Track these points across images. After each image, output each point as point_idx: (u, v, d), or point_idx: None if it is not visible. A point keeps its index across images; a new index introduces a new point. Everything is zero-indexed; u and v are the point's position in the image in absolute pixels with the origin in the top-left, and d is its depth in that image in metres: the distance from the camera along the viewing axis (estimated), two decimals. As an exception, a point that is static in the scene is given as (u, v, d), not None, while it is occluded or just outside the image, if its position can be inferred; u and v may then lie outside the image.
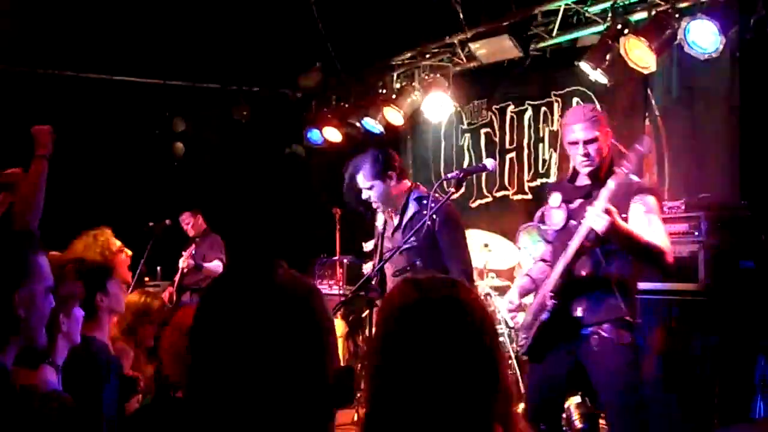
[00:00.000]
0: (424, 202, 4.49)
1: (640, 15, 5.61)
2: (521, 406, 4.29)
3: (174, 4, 6.89)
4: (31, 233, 2.51)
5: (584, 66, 5.70)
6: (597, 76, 5.71)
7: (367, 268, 5.48)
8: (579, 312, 3.70)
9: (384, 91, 7.82)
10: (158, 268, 8.07)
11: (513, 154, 7.40)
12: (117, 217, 4.91)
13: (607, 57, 5.57)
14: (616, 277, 3.65)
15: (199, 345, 1.52)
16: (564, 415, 4.47)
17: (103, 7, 6.81)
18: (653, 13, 5.43)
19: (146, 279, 7.51)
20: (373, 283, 4.05)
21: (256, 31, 7.54)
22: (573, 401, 4.63)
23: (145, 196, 8.23)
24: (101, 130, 8.13)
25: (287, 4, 7.18)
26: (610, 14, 5.79)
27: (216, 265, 7.60)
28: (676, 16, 5.24)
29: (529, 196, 7.20)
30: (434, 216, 4.34)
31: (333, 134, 8.30)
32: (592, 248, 3.67)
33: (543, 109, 7.09)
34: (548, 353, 3.79)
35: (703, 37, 4.96)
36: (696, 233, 4.61)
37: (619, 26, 5.54)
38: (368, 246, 5.51)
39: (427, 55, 7.45)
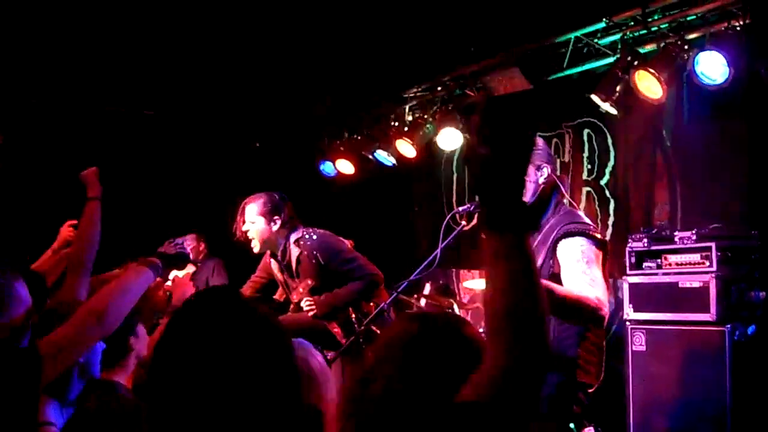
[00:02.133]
0: (302, 243, 4.79)
1: (650, 47, 5.64)
2: None
3: (180, 35, 6.97)
4: (13, 262, 2.57)
5: (595, 98, 5.73)
6: (607, 107, 5.74)
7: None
8: None
9: (396, 123, 7.87)
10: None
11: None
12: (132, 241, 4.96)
13: (617, 89, 5.60)
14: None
15: (161, 365, 1.50)
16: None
17: (112, 41, 6.90)
18: (662, 44, 5.47)
19: None
20: None
21: (267, 63, 7.61)
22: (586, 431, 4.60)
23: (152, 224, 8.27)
24: (117, 165, 8.20)
25: (298, 38, 7.25)
26: (620, 46, 5.83)
27: None
28: (685, 47, 5.27)
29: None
30: (315, 253, 4.66)
31: (346, 167, 8.35)
32: None
33: (554, 140, 7.12)
34: None
35: (712, 68, 4.99)
36: (707, 263, 4.60)
37: (629, 58, 5.57)
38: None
39: (439, 88, 7.50)
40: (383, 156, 7.82)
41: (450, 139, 7.28)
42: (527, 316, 1.47)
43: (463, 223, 3.96)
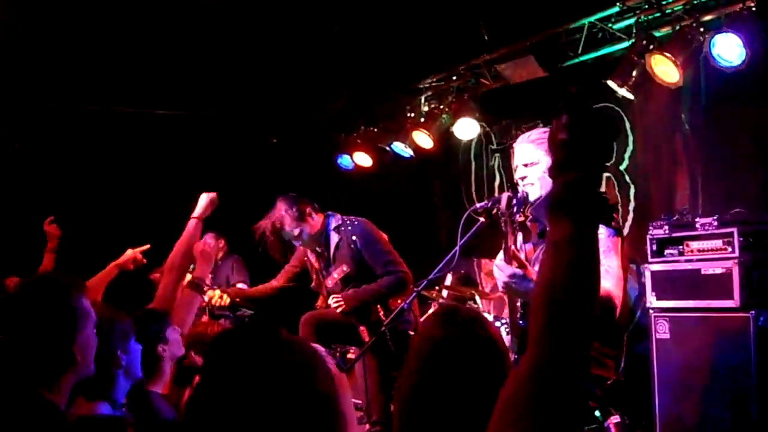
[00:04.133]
0: (342, 228, 4.82)
1: (665, 30, 5.57)
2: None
3: (196, 33, 6.97)
4: (75, 277, 2.61)
5: (611, 83, 5.68)
6: (624, 92, 5.69)
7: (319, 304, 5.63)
8: None
9: (412, 114, 7.84)
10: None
11: (543, 173, 7.37)
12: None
13: (633, 73, 5.55)
14: None
15: (199, 406, 1.47)
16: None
17: (117, 40, 6.91)
18: (677, 27, 5.41)
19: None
20: None
21: (282, 57, 7.60)
22: (612, 420, 4.58)
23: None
24: (136, 163, 8.26)
25: (313, 30, 7.24)
26: (634, 30, 5.77)
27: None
28: (701, 30, 5.21)
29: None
30: (354, 239, 4.69)
31: (363, 159, 8.34)
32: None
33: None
34: None
35: (728, 50, 4.94)
36: (729, 249, 4.55)
37: (644, 42, 5.51)
38: None
39: (454, 78, 7.46)
40: (400, 147, 7.80)
41: (466, 128, 7.26)
42: (581, 305, 1.46)
43: (482, 219, 3.95)
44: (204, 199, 4.63)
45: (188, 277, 4.46)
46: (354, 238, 4.96)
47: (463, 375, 1.70)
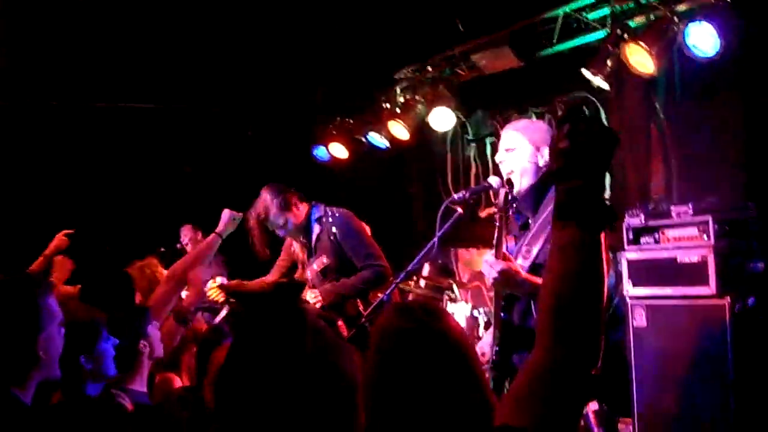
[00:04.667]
0: (323, 220, 4.83)
1: (640, 20, 5.60)
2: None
3: (171, 26, 6.91)
4: (40, 277, 2.62)
5: (586, 73, 5.70)
6: (599, 82, 5.71)
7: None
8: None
9: (388, 105, 7.83)
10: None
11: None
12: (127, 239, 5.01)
13: (608, 63, 5.57)
14: None
15: (225, 392, 1.52)
16: (582, 422, 4.45)
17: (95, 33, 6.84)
18: (652, 17, 5.43)
19: None
20: None
21: (257, 49, 7.57)
22: (591, 408, 4.61)
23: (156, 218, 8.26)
24: (112, 157, 8.20)
25: (287, 22, 7.21)
26: (609, 20, 5.79)
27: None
28: (675, 19, 5.24)
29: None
30: (334, 230, 4.69)
31: (339, 150, 8.32)
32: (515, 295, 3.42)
33: (547, 116, 7.09)
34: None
35: (703, 39, 4.96)
36: (705, 237, 4.58)
37: (619, 32, 5.53)
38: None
39: (429, 68, 7.46)
40: (376, 138, 7.79)
41: (442, 119, 7.25)
42: (588, 310, 1.53)
43: (459, 210, 3.95)
44: (226, 215, 4.63)
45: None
46: (334, 229, 4.94)
47: (418, 368, 1.70)
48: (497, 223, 3.35)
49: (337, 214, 5.07)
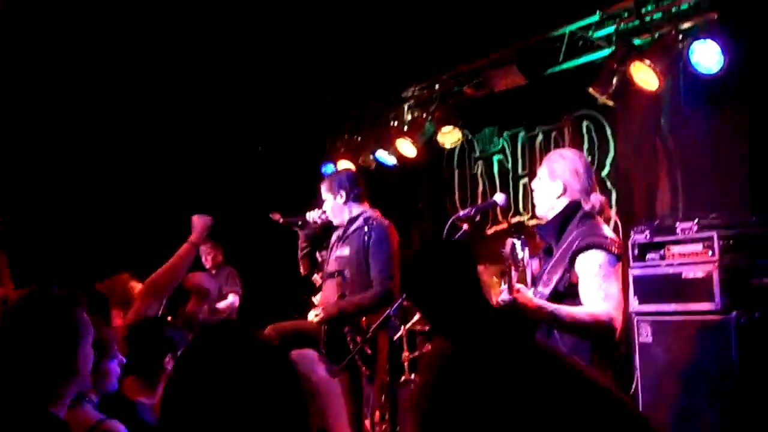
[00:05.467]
0: (370, 220, 4.84)
1: (645, 38, 5.64)
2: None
3: (181, 46, 6.99)
4: (76, 292, 2.63)
5: (592, 91, 5.74)
6: (604, 99, 5.75)
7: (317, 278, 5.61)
8: None
9: (396, 122, 7.88)
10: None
11: (526, 180, 7.42)
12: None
13: (614, 81, 5.62)
14: None
15: (173, 401, 1.52)
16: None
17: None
18: (657, 35, 5.48)
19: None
20: None
21: (267, 65, 7.62)
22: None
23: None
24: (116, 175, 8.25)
25: (296, 40, 7.27)
26: (614, 38, 5.84)
27: (232, 301, 7.65)
28: (680, 37, 5.29)
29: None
30: (371, 232, 4.69)
31: (347, 167, 8.35)
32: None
33: (554, 133, 7.13)
34: None
35: (707, 57, 5.02)
36: (710, 253, 4.61)
37: (624, 50, 5.58)
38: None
39: (437, 86, 7.51)
40: (384, 156, 7.83)
41: (449, 136, 7.31)
42: None
43: (465, 227, 4.00)
44: (201, 222, 4.28)
45: None
46: (372, 232, 4.95)
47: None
48: (506, 269, 3.42)
49: (383, 223, 5.08)
